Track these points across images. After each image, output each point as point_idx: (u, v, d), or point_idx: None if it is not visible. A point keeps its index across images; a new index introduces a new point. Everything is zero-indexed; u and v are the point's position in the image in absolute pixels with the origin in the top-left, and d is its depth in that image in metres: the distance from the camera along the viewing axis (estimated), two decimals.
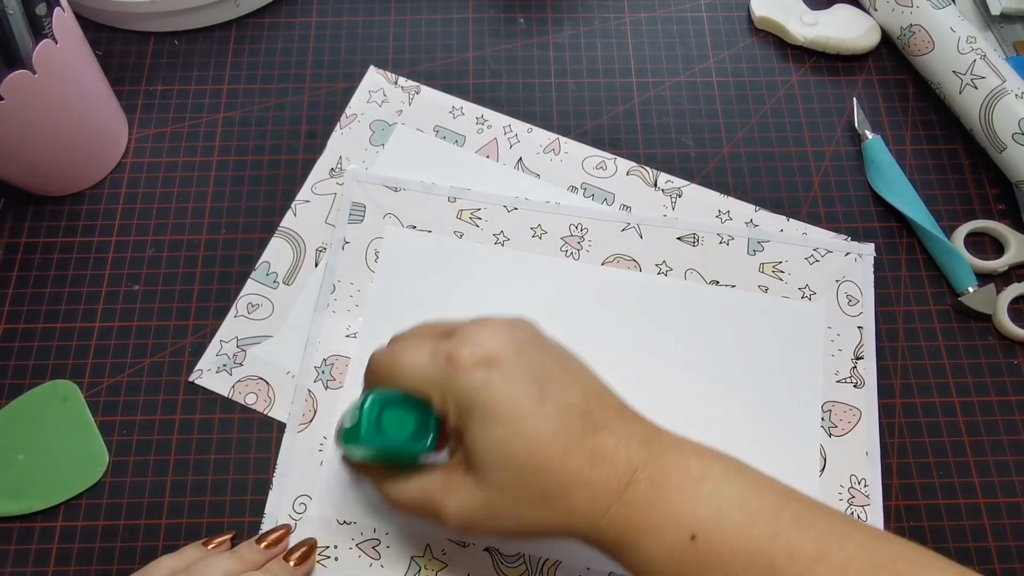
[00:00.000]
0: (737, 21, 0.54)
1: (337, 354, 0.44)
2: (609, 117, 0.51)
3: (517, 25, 0.54)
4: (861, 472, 0.42)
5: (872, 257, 0.47)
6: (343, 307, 0.45)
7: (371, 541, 0.40)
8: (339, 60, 0.52)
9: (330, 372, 0.44)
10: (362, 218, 0.47)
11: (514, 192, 0.48)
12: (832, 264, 0.46)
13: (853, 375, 0.44)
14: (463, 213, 0.47)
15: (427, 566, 0.40)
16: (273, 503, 0.41)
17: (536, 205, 0.48)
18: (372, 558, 0.40)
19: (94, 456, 0.42)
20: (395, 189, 0.48)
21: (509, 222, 0.47)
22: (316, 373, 0.44)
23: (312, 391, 0.43)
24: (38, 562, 0.40)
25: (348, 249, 0.46)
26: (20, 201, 0.48)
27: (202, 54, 0.52)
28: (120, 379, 0.44)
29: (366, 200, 0.47)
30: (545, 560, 0.40)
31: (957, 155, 0.51)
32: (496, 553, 0.40)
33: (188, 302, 0.46)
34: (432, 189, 0.48)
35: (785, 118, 0.51)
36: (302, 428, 0.43)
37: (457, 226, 0.47)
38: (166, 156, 0.50)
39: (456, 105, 0.51)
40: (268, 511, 0.41)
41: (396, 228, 0.47)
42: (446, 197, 0.48)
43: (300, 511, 0.41)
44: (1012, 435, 0.44)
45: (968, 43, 0.48)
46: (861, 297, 0.46)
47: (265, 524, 0.41)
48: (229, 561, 0.37)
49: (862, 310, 0.46)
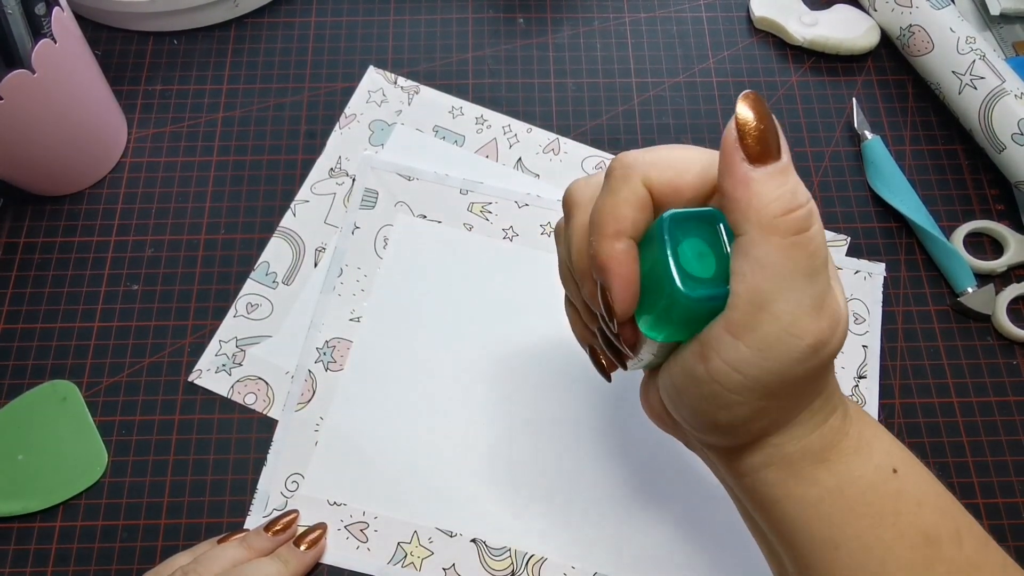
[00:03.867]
0: (737, 21, 0.54)
1: (340, 337, 0.44)
2: (609, 117, 0.51)
3: (517, 25, 0.54)
4: None
5: (882, 277, 0.46)
6: (349, 291, 0.45)
7: (359, 524, 0.41)
8: (338, 60, 0.52)
9: (331, 354, 0.44)
10: (374, 204, 0.47)
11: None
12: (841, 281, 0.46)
13: (855, 393, 0.44)
14: (474, 206, 0.47)
15: (413, 552, 0.40)
16: (266, 479, 0.42)
17: (547, 203, 0.48)
18: (360, 541, 0.41)
19: (93, 456, 0.42)
20: (408, 178, 0.48)
21: (519, 218, 0.47)
22: (318, 354, 0.44)
23: (312, 371, 0.44)
24: (37, 562, 0.40)
25: (358, 234, 0.47)
26: (19, 201, 0.48)
27: (201, 54, 0.52)
28: (119, 379, 0.44)
29: (379, 187, 0.48)
30: (531, 556, 0.40)
31: (956, 155, 0.51)
32: (482, 544, 0.41)
33: (187, 302, 0.46)
34: (445, 181, 0.48)
35: (785, 118, 0.51)
36: (300, 407, 0.43)
37: (467, 218, 0.47)
38: (165, 156, 0.50)
39: (455, 105, 0.51)
40: (260, 487, 0.41)
41: (407, 216, 0.47)
42: (458, 189, 0.48)
43: (292, 489, 0.41)
44: (1011, 436, 0.44)
45: (967, 43, 0.48)
46: (868, 316, 0.46)
47: (257, 500, 0.41)
48: (237, 550, 0.37)
49: (868, 329, 0.45)
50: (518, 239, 0.47)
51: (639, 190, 0.26)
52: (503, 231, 0.47)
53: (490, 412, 0.43)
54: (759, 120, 0.23)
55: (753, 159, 0.23)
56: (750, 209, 0.23)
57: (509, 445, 0.43)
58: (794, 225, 0.23)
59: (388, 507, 0.41)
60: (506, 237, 0.47)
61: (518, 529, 0.41)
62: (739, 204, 0.23)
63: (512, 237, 0.47)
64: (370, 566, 0.40)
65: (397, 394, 0.43)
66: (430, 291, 0.46)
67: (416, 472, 0.42)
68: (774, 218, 0.23)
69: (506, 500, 0.41)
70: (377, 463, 0.42)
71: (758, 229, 0.23)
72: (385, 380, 0.44)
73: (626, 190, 0.26)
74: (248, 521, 0.41)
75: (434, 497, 0.41)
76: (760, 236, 0.23)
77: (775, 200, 0.23)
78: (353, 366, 0.44)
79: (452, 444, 0.43)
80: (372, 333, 0.45)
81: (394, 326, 0.45)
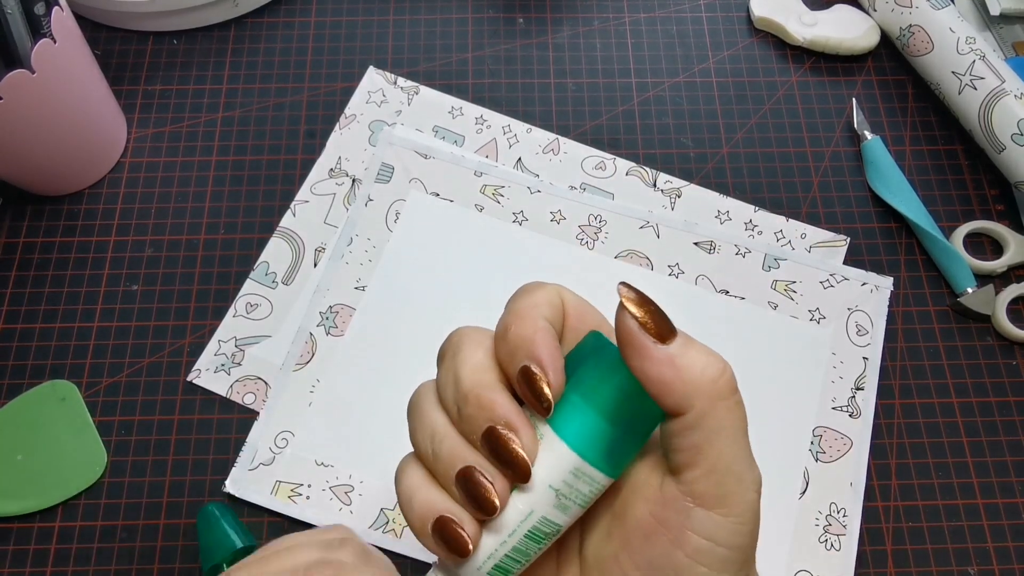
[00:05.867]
0: (737, 21, 0.54)
1: (343, 303, 0.45)
2: (608, 117, 0.51)
3: (516, 25, 0.54)
4: (842, 502, 0.42)
5: (889, 291, 0.46)
6: (356, 260, 0.46)
7: (345, 487, 0.41)
8: (338, 60, 0.52)
9: (334, 320, 0.45)
10: (389, 179, 0.48)
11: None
12: (846, 291, 0.46)
13: (851, 404, 0.44)
14: (487, 188, 0.48)
15: (396, 519, 0.41)
16: (256, 433, 0.42)
17: (560, 191, 0.48)
18: (343, 503, 0.41)
19: (92, 456, 0.42)
20: (425, 156, 0.48)
21: (530, 203, 0.48)
22: (320, 318, 0.45)
23: (313, 334, 0.44)
24: (36, 562, 0.40)
25: (371, 206, 0.47)
26: (18, 200, 0.48)
27: (201, 54, 0.52)
28: (119, 379, 0.44)
29: (395, 162, 0.48)
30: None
31: (956, 156, 0.51)
32: None
33: (186, 302, 0.46)
34: (460, 161, 0.48)
35: (784, 118, 0.51)
36: (298, 368, 0.44)
37: (479, 200, 0.48)
38: (165, 156, 0.50)
39: (455, 105, 0.51)
40: (250, 440, 0.42)
41: (420, 193, 0.48)
42: (473, 170, 0.48)
43: (281, 446, 0.42)
44: (1011, 436, 0.44)
45: (967, 44, 0.48)
46: (871, 328, 0.45)
47: (244, 453, 0.42)
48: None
49: (870, 341, 0.45)
50: (527, 224, 0.47)
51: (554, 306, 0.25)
52: (513, 215, 0.48)
53: None
54: (646, 301, 0.23)
55: (663, 338, 0.22)
56: (688, 384, 0.22)
57: None
58: (731, 383, 0.23)
59: (375, 473, 0.42)
60: (516, 221, 0.47)
61: None
62: (674, 383, 0.22)
63: (522, 222, 0.47)
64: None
65: (394, 364, 0.44)
66: (436, 267, 0.46)
67: (405, 442, 0.42)
68: (714, 384, 0.22)
69: None
70: (368, 429, 0.43)
71: (706, 400, 0.22)
72: (384, 350, 0.44)
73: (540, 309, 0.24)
74: (232, 473, 0.41)
75: None
76: (709, 405, 0.22)
77: (706, 367, 0.22)
78: (354, 333, 0.44)
79: None
80: (375, 303, 0.45)
81: (398, 298, 0.45)
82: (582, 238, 0.47)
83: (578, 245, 0.47)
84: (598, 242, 0.47)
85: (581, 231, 0.47)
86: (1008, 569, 0.41)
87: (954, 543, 0.41)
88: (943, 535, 0.42)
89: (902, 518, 0.42)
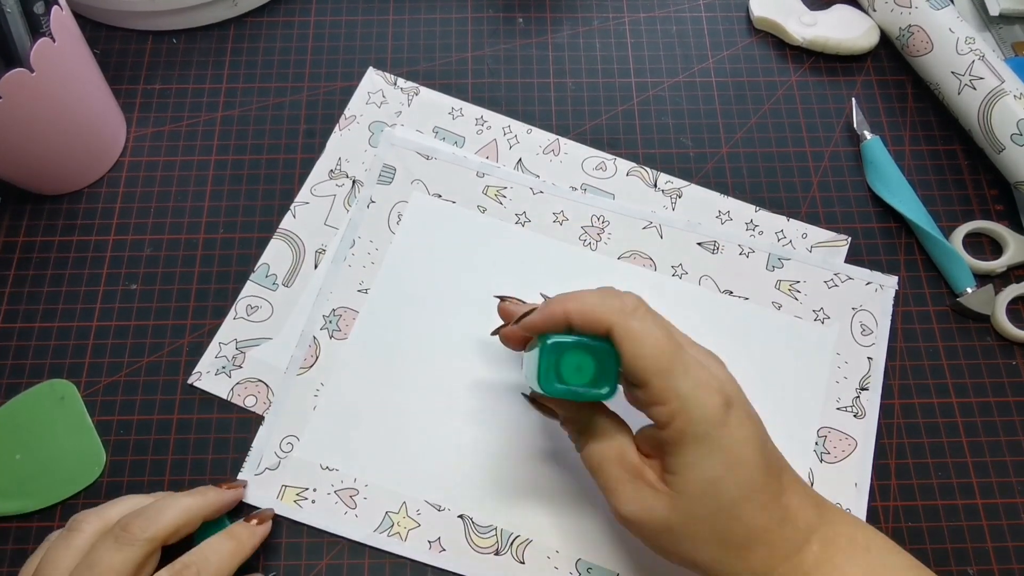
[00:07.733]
0: (736, 21, 0.54)
1: (346, 306, 0.45)
2: (608, 117, 0.51)
3: (516, 25, 0.54)
4: (847, 502, 0.42)
5: (894, 290, 0.46)
6: (359, 262, 0.46)
7: (350, 490, 0.41)
8: (338, 60, 0.52)
9: (337, 323, 0.44)
10: (391, 180, 0.48)
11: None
12: (851, 291, 0.46)
13: (855, 404, 0.44)
14: (489, 189, 0.48)
15: (400, 523, 0.41)
16: (262, 438, 0.42)
17: (562, 191, 0.48)
18: (348, 507, 0.41)
19: (91, 456, 0.42)
20: (427, 157, 0.48)
21: (533, 204, 0.48)
22: (324, 321, 0.45)
23: (317, 338, 0.44)
24: None
25: (373, 208, 0.47)
26: (17, 199, 0.48)
27: (200, 53, 0.52)
28: (118, 378, 0.44)
29: (397, 163, 0.48)
30: (516, 536, 0.41)
31: (955, 156, 0.51)
32: (469, 521, 0.41)
33: (186, 302, 0.46)
34: (463, 162, 0.48)
35: (784, 118, 0.51)
36: (302, 372, 0.44)
37: (482, 201, 0.48)
38: (164, 155, 0.49)
39: (455, 106, 0.51)
40: (255, 445, 0.42)
41: (422, 194, 0.48)
42: (475, 171, 0.48)
43: (286, 450, 0.42)
44: (1010, 436, 0.44)
45: (967, 44, 0.48)
46: (876, 328, 0.45)
47: (250, 458, 0.42)
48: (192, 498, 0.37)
49: (874, 341, 0.45)
50: (530, 225, 0.47)
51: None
52: (516, 216, 0.47)
53: (488, 393, 0.43)
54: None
55: None
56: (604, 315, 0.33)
57: (504, 427, 0.43)
58: (637, 304, 0.34)
59: (379, 476, 0.42)
60: (519, 222, 0.47)
61: (505, 509, 0.41)
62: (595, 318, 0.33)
63: (524, 223, 0.47)
64: (356, 532, 0.41)
65: (398, 367, 0.44)
66: (439, 269, 0.46)
67: (409, 445, 0.42)
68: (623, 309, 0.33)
69: (497, 480, 0.42)
70: (372, 432, 0.42)
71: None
72: (387, 352, 0.44)
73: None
74: (239, 477, 0.41)
75: (425, 471, 0.42)
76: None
77: (623, 304, 0.33)
78: (357, 336, 0.44)
79: (448, 420, 0.43)
80: (379, 305, 0.45)
81: (401, 300, 0.45)
82: (585, 239, 0.47)
83: (581, 246, 0.47)
84: (601, 243, 0.47)
85: (584, 232, 0.47)
86: (1007, 569, 0.41)
87: (953, 543, 0.41)
88: (942, 535, 0.42)
89: (901, 518, 0.42)
